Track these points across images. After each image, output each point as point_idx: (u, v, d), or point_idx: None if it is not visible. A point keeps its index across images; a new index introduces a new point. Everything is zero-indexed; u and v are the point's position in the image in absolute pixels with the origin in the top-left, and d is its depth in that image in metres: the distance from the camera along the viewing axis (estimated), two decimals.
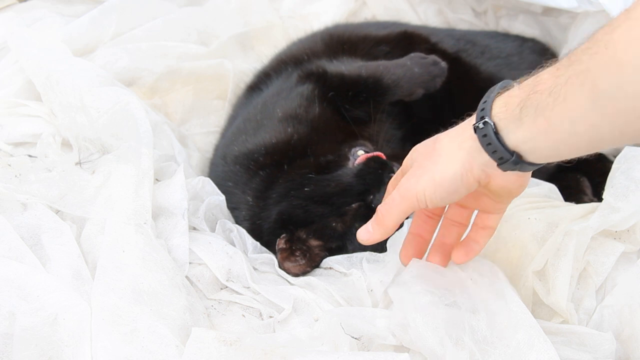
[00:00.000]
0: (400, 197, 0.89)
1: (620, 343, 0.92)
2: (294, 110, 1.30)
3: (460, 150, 0.84)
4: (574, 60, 0.70)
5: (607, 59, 0.66)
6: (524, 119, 0.76)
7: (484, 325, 0.87)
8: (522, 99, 0.76)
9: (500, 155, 0.80)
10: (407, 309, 0.89)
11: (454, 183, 0.84)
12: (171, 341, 0.87)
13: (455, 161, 0.84)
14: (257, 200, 1.22)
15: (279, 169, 1.22)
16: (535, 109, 0.74)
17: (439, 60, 1.35)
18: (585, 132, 0.71)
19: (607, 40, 0.66)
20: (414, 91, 1.34)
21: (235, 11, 1.64)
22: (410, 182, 0.87)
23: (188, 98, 1.49)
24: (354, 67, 1.35)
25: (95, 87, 1.22)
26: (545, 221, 1.03)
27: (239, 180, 1.25)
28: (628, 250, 1.00)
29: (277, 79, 1.40)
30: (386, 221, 0.91)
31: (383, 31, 1.51)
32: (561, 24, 1.55)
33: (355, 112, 1.33)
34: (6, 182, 1.07)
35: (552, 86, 0.72)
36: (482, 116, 0.80)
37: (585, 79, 0.68)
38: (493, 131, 0.79)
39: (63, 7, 1.54)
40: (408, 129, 1.41)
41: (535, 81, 0.76)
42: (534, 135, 0.76)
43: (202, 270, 1.05)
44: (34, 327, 0.87)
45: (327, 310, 0.98)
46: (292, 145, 1.25)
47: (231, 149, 1.30)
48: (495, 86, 0.84)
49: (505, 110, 0.79)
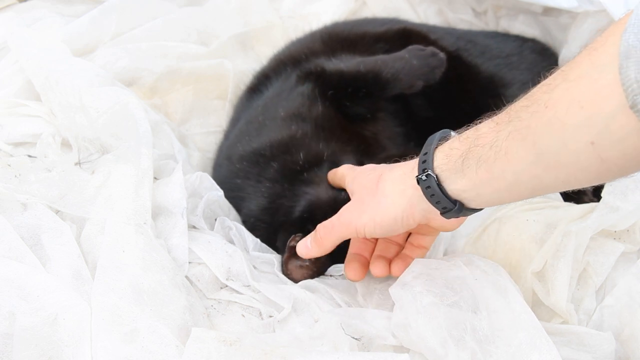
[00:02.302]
0: (340, 225, 0.95)
1: (620, 343, 0.92)
2: (297, 110, 1.30)
3: (402, 197, 0.88)
4: (513, 117, 0.74)
5: (548, 118, 0.70)
6: (465, 171, 0.80)
7: (486, 324, 0.87)
8: (464, 151, 0.80)
9: (444, 205, 0.84)
10: (408, 309, 0.89)
11: (394, 225, 0.90)
12: (171, 341, 0.87)
13: (397, 206, 0.89)
14: (279, 183, 1.21)
15: (294, 163, 1.22)
16: (477, 160, 0.78)
17: (437, 52, 1.34)
18: (528, 182, 0.75)
19: (547, 100, 0.70)
20: (414, 83, 1.34)
21: (235, 11, 1.64)
22: (352, 215, 0.94)
23: (188, 98, 1.49)
24: (353, 64, 1.35)
25: (95, 87, 1.22)
26: (544, 222, 1.03)
27: (250, 174, 1.25)
28: (628, 250, 1.00)
29: (277, 80, 1.40)
30: (324, 242, 0.98)
31: (381, 28, 1.51)
32: (561, 24, 1.55)
33: (356, 109, 1.33)
34: (6, 182, 1.07)
35: (493, 140, 0.76)
36: (424, 168, 0.84)
37: (527, 135, 0.72)
38: (436, 183, 0.83)
39: (63, 7, 1.54)
40: (410, 127, 1.41)
41: (475, 134, 0.79)
42: (476, 184, 0.80)
43: (202, 269, 1.05)
44: (34, 327, 0.87)
45: (327, 311, 0.98)
46: (299, 140, 1.25)
47: (235, 150, 1.30)
48: (434, 137, 0.88)
49: (447, 162, 0.83)
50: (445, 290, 0.91)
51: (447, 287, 0.91)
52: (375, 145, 1.33)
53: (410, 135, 1.41)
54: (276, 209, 1.20)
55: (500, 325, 0.86)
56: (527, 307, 0.88)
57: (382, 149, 1.33)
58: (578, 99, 0.67)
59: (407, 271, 0.96)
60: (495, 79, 1.45)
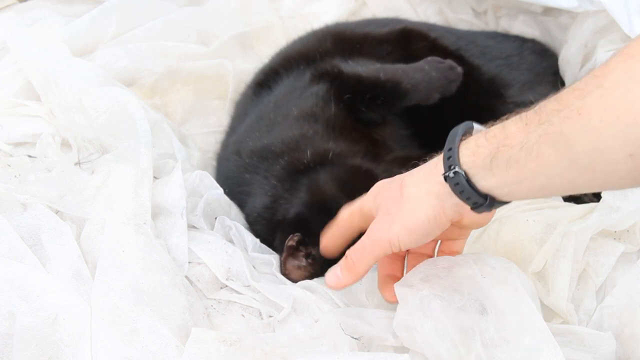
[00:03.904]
0: (371, 243, 0.90)
1: (620, 343, 0.92)
2: (310, 109, 1.30)
3: (429, 195, 0.86)
4: (544, 120, 0.73)
5: (581, 125, 0.68)
6: (494, 170, 0.78)
7: (493, 327, 0.86)
8: (492, 150, 0.79)
9: (475, 201, 0.82)
10: (414, 312, 0.88)
11: (427, 226, 0.86)
12: (171, 341, 0.87)
13: (427, 206, 0.86)
14: (281, 183, 1.21)
15: (299, 161, 1.22)
16: (507, 160, 0.77)
17: (455, 65, 1.35)
18: (561, 185, 0.75)
19: (580, 107, 0.69)
20: (431, 96, 1.34)
21: (235, 11, 1.64)
22: (381, 229, 0.89)
23: (188, 98, 1.49)
24: (372, 70, 1.35)
25: (94, 87, 1.22)
26: (544, 222, 1.03)
27: (259, 169, 1.25)
28: (628, 251, 1.00)
29: (288, 77, 1.39)
30: (357, 268, 0.93)
31: (383, 29, 1.51)
32: (561, 24, 1.55)
33: (370, 115, 1.33)
34: (6, 182, 1.07)
35: (523, 141, 0.75)
36: (450, 165, 0.82)
37: (559, 141, 0.71)
38: (465, 180, 0.81)
39: (63, 7, 1.54)
40: (413, 129, 1.42)
41: (503, 133, 0.78)
42: (507, 183, 0.78)
43: (202, 269, 1.05)
44: (34, 327, 0.87)
45: (327, 311, 0.98)
46: (310, 139, 1.25)
47: (245, 144, 1.30)
48: (456, 131, 0.85)
49: (474, 160, 0.81)
50: (453, 293, 0.89)
51: (455, 289, 0.90)
52: (383, 147, 1.34)
53: (413, 137, 1.42)
54: (276, 209, 1.20)
55: (507, 327, 0.85)
56: (535, 309, 0.87)
57: (388, 151, 1.33)
58: (613, 108, 0.66)
59: (413, 271, 0.93)
60: (496, 80, 1.45)
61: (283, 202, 1.20)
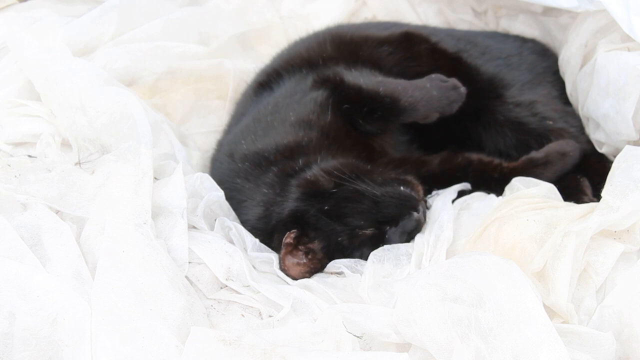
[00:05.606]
0: None
1: (620, 343, 0.92)
2: (307, 116, 1.30)
3: None
4: None
5: None
6: None
7: (490, 316, 0.85)
8: None
9: None
10: (413, 304, 0.89)
11: None
12: (171, 341, 0.87)
13: None
14: (273, 189, 1.22)
15: (291, 168, 1.23)
16: None
17: (459, 85, 1.34)
18: None
19: None
20: (430, 115, 1.34)
21: (235, 11, 1.65)
22: None
23: (188, 98, 1.49)
24: (373, 82, 1.35)
25: (94, 87, 1.23)
26: (544, 222, 1.03)
27: (250, 176, 1.25)
28: (628, 250, 1.00)
29: (290, 80, 1.40)
30: None
31: (385, 32, 1.51)
32: (561, 24, 1.55)
33: (367, 127, 1.34)
34: (6, 182, 1.07)
35: None
36: None
37: None
38: None
39: (63, 7, 1.54)
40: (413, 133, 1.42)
41: None
42: None
43: (202, 269, 1.05)
44: (34, 327, 0.88)
45: (329, 307, 0.98)
46: (304, 147, 1.26)
47: (239, 147, 1.30)
48: None
49: None
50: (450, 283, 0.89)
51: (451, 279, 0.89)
52: (379, 151, 1.34)
53: (412, 140, 1.42)
54: (270, 217, 1.21)
55: (506, 315, 0.85)
56: (537, 302, 0.86)
57: (384, 155, 1.34)
58: None
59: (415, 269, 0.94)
60: (495, 80, 1.45)
61: (275, 207, 1.21)
